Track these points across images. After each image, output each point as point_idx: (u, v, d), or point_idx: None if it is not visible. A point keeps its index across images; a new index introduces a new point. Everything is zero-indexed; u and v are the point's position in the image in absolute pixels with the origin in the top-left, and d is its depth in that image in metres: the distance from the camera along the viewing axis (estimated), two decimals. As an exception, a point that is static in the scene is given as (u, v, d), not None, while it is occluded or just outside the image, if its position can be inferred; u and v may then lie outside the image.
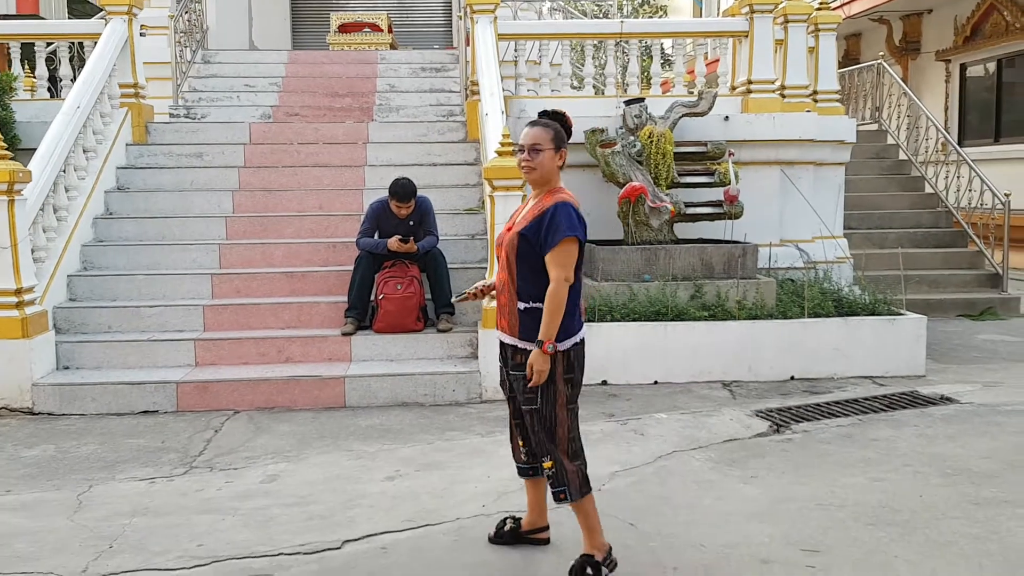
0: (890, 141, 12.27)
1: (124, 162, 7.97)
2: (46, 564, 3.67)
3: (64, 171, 6.84)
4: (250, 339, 6.39)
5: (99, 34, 8.03)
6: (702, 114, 7.97)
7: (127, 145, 8.06)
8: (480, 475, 4.68)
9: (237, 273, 6.94)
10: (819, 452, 4.99)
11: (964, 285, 9.82)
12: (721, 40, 9.24)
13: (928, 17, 16.10)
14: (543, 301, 3.33)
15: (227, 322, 6.60)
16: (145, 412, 5.92)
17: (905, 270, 8.65)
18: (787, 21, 8.72)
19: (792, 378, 6.64)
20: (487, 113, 7.18)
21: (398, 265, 6.60)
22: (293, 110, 9.49)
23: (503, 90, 7.72)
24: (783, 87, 8.78)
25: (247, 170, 8.00)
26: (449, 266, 6.73)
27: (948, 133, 11.40)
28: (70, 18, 15.98)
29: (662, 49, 14.12)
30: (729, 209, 7.61)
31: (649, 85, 9.25)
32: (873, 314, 6.88)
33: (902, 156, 11.97)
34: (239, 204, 7.69)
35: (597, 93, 8.94)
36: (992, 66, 14.67)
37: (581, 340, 3.45)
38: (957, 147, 10.59)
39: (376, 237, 6.70)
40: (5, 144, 6.00)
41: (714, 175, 7.80)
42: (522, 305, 3.42)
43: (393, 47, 13.32)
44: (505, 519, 3.88)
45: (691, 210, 7.63)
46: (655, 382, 6.57)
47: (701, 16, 26.85)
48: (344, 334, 6.44)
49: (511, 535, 3.81)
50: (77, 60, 9.87)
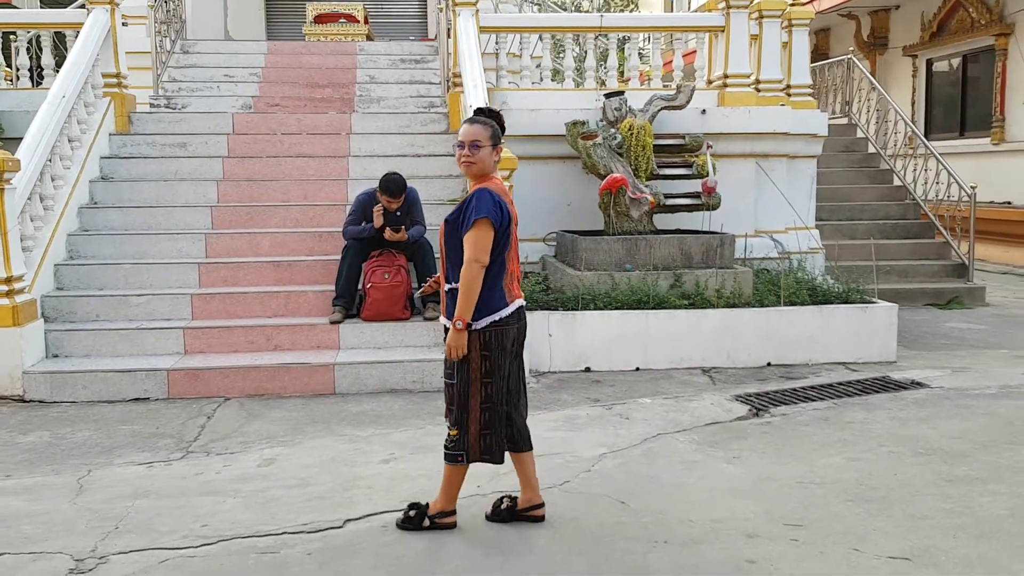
0: (859, 135, 12.55)
1: (108, 152, 7.99)
2: (55, 544, 3.75)
3: (50, 160, 6.85)
4: (239, 327, 6.47)
5: (81, 23, 8.03)
6: (680, 107, 8.13)
7: (110, 135, 8.07)
8: (473, 457, 4.81)
9: (224, 262, 7.01)
10: (798, 434, 5.18)
11: (932, 275, 10.11)
12: (688, 34, 9.42)
13: (896, 13, 16.44)
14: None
15: (215, 311, 6.67)
16: (136, 399, 5.99)
17: (875, 260, 8.92)
18: (762, 16, 8.90)
19: (769, 364, 6.85)
20: (471, 105, 7.28)
21: (386, 254, 6.70)
22: (274, 100, 9.53)
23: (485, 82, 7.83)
24: (758, 81, 8.97)
25: (231, 160, 8.05)
26: (435, 255, 6.85)
27: (915, 127, 11.68)
28: (41, 7, 15.81)
29: (649, 40, 14.29)
30: (707, 200, 7.79)
31: (626, 81, 9.39)
32: (846, 302, 7.10)
33: (871, 149, 12.25)
34: (224, 194, 7.75)
35: (577, 86, 9.06)
36: (957, 61, 15.03)
37: (502, 319, 3.67)
38: (925, 141, 10.88)
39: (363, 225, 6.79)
40: (-6, 133, 6.04)
41: (692, 167, 7.98)
42: (447, 286, 3.74)
43: (369, 38, 13.37)
44: (502, 498, 4.03)
45: (670, 201, 7.80)
46: (637, 368, 6.74)
47: (673, 11, 27.10)
48: (332, 322, 6.53)
49: (508, 513, 3.96)
50: (53, 49, 9.83)
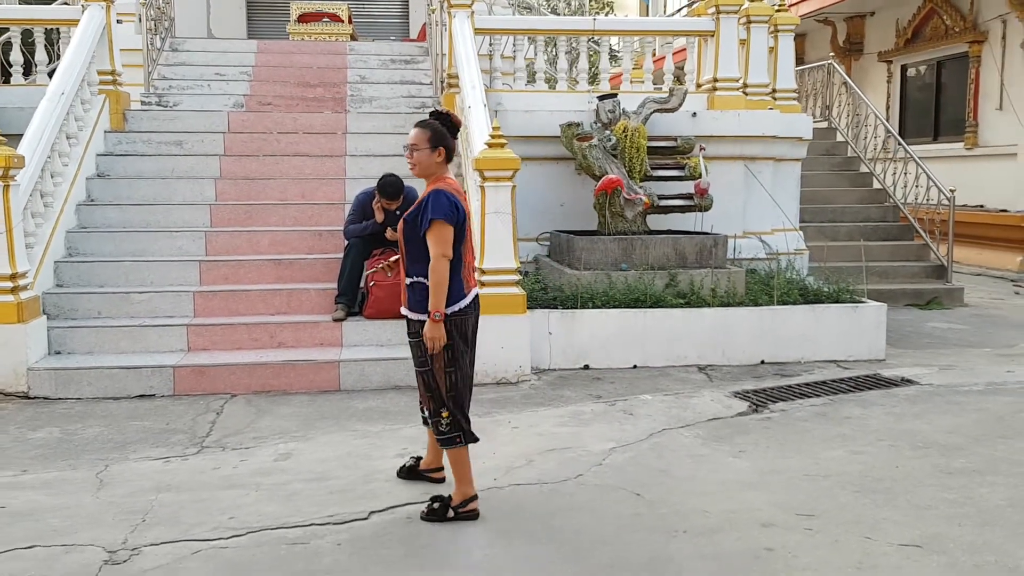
0: (839, 139, 12.80)
1: (103, 149, 7.98)
2: (84, 536, 3.79)
3: (50, 157, 6.85)
4: (242, 325, 6.51)
5: (76, 20, 8.01)
6: (673, 110, 8.29)
7: (106, 132, 8.06)
8: (486, 452, 4.90)
9: (225, 260, 7.04)
10: (798, 429, 5.34)
11: (912, 276, 10.35)
12: (659, 39, 9.58)
13: (871, 19, 16.75)
14: (424, 277, 3.88)
15: (217, 308, 6.70)
16: (141, 396, 6.01)
17: (857, 261, 9.12)
18: (749, 22, 9.09)
19: (762, 362, 7.00)
20: (470, 106, 7.37)
21: (387, 253, 6.75)
22: (266, 99, 9.54)
23: (479, 84, 7.92)
24: (746, 85, 9.14)
25: (228, 158, 8.07)
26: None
27: (888, 132, 11.95)
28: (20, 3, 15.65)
29: (641, 42, 14.50)
30: (700, 202, 7.95)
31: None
32: (837, 302, 7.28)
33: (851, 153, 12.50)
34: (222, 192, 7.77)
35: (570, 88, 9.18)
36: (932, 68, 15.36)
37: (462, 308, 3.93)
38: (906, 147, 11.13)
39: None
40: (-2, 130, 6.03)
41: (684, 169, 8.13)
42: (407, 280, 4.02)
43: (353, 37, 13.40)
44: (410, 458, 4.53)
45: (664, 202, 7.94)
46: (634, 366, 6.87)
47: (648, 15, 27.37)
48: (335, 320, 6.59)
49: (409, 471, 4.43)
50: (38, 45, 9.78)
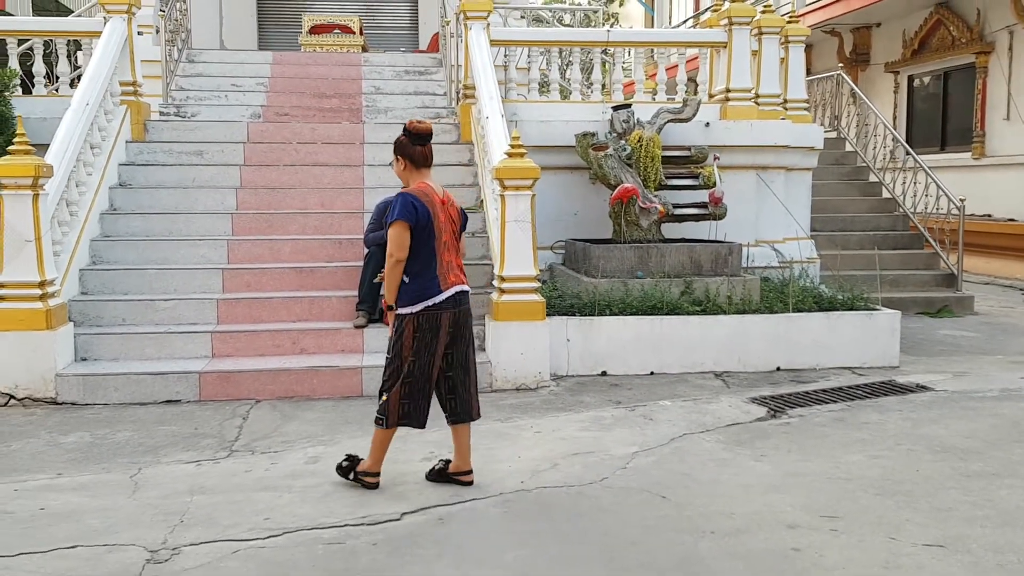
0: (848, 148, 12.90)
1: (125, 159, 8.08)
2: (124, 537, 3.87)
3: (75, 167, 6.95)
4: (265, 331, 6.61)
5: (99, 32, 8.12)
6: (686, 120, 8.39)
7: (127, 142, 8.16)
8: (510, 455, 5.00)
9: (247, 268, 7.14)
10: (817, 434, 5.41)
11: (922, 284, 10.43)
12: (671, 50, 9.74)
13: (877, 30, 16.87)
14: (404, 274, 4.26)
15: (241, 315, 6.80)
16: (168, 401, 6.10)
17: (867, 270, 9.21)
18: (761, 33, 9.21)
19: (778, 369, 7.08)
20: (488, 116, 7.48)
21: (408, 261, 6.86)
22: (282, 110, 9.66)
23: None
24: (757, 95, 9.25)
25: (248, 168, 8.18)
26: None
27: (896, 142, 12.05)
28: (34, 15, 15.83)
29: (656, 53, 14.62)
30: (714, 210, 8.04)
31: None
32: (851, 310, 7.35)
33: (860, 163, 12.59)
34: (243, 201, 7.87)
35: (584, 98, 9.29)
36: (938, 78, 15.46)
37: (435, 304, 4.23)
38: (916, 157, 11.21)
39: (384, 234, 6.96)
40: (28, 141, 6.13)
41: (698, 178, 8.23)
42: (377, 278, 4.32)
43: (364, 49, 13.53)
44: (439, 460, 4.68)
45: (678, 211, 8.04)
46: (651, 373, 6.94)
47: (653, 26, 27.53)
48: (357, 327, 6.68)
49: (438, 474, 4.56)
50: (55, 56, 9.91)
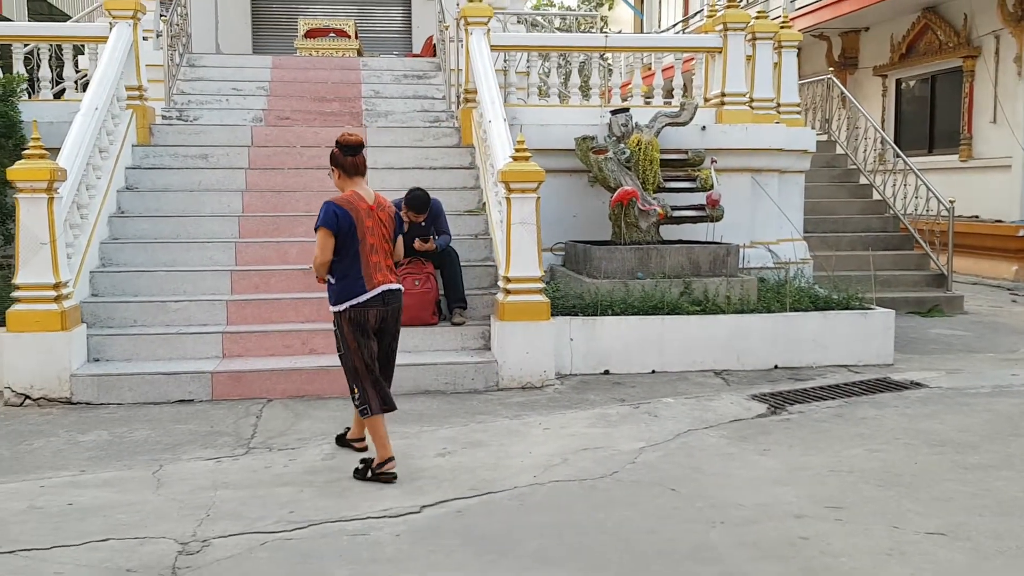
0: (839, 151, 13.10)
1: (131, 162, 8.17)
2: (155, 530, 3.99)
3: (85, 171, 7.05)
4: (275, 332, 6.73)
5: (104, 37, 8.23)
6: (684, 124, 8.56)
7: (133, 146, 8.26)
8: (522, 451, 5.14)
9: (255, 270, 7.25)
10: (817, 429, 5.58)
11: (912, 285, 10.63)
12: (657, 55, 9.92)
13: (866, 34, 17.10)
14: (331, 276, 4.65)
15: (250, 316, 6.91)
16: (181, 401, 6.21)
17: (859, 270, 9.39)
18: (755, 38, 9.38)
19: (776, 367, 7.25)
20: (490, 120, 7.61)
21: (415, 262, 6.99)
22: (284, 114, 9.75)
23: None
24: (751, 100, 9.43)
25: (253, 171, 8.29)
26: (461, 263, 7.15)
27: (885, 145, 12.27)
28: (29, 20, 15.91)
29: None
30: (711, 212, 8.21)
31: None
32: (847, 309, 7.53)
33: (850, 165, 12.80)
34: (248, 204, 7.98)
35: (582, 102, 9.45)
36: (926, 82, 15.70)
37: (361, 303, 4.59)
38: (906, 159, 11.43)
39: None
40: (42, 145, 6.23)
41: (696, 181, 8.40)
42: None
43: (360, 53, 13.64)
44: (361, 461, 4.81)
45: (677, 213, 8.20)
46: (653, 371, 7.10)
47: (642, 31, 27.81)
48: (365, 327, 6.80)
49: (364, 471, 4.71)
50: (56, 61, 10.00)
